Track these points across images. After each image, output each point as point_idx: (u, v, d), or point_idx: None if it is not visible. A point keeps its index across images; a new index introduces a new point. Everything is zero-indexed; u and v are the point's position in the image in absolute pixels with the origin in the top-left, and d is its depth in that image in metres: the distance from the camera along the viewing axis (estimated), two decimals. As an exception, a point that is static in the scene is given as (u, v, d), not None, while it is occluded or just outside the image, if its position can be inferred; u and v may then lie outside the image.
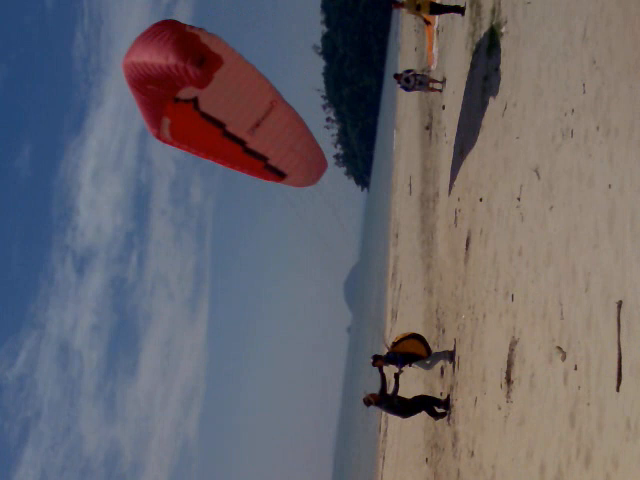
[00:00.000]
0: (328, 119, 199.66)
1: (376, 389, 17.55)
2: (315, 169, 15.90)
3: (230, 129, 14.79)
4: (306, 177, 15.91)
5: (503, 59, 16.64)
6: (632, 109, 8.44)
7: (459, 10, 23.91)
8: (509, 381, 12.05)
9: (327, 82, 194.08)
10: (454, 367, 17.35)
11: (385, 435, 35.72)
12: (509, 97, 15.39)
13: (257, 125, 14.80)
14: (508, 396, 12.00)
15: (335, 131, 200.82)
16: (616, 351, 7.77)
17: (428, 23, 29.75)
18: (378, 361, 18.01)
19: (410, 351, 17.58)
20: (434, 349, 20.86)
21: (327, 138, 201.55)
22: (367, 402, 17.49)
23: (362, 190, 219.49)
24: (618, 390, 7.64)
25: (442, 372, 19.24)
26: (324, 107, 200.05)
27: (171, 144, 15.26)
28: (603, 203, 8.89)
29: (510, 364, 12.10)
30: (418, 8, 24.11)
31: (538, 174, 12.03)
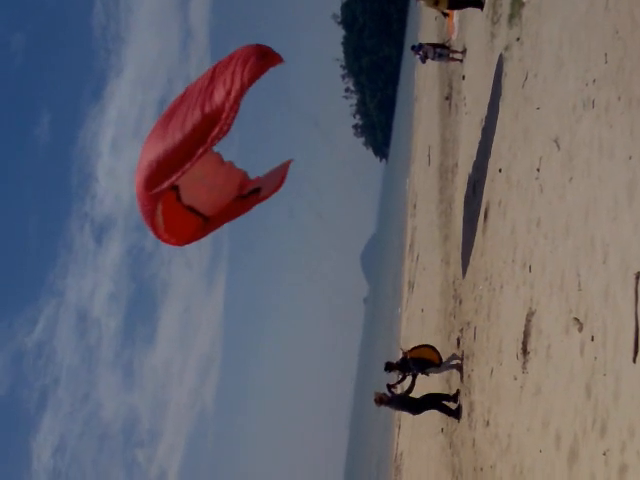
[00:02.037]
0: (347, 89, 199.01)
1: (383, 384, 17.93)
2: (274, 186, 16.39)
3: (208, 215, 15.70)
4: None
5: (524, 29, 16.50)
6: (654, 80, 8.39)
7: (479, 4, 23.48)
8: (525, 352, 12.08)
9: (346, 52, 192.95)
10: (474, 335, 17.41)
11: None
12: (530, 67, 15.28)
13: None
14: (524, 367, 12.04)
15: (354, 101, 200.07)
16: (633, 322, 7.78)
17: (447, 15, 29.37)
18: (390, 369, 18.33)
19: (425, 357, 17.82)
20: (450, 320, 20.94)
21: (346, 108, 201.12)
22: (379, 401, 17.72)
23: (380, 161, 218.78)
24: (635, 361, 7.66)
25: (458, 342, 19.30)
26: (343, 77, 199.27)
27: (160, 235, 15.59)
28: (623, 175, 8.85)
29: (527, 335, 12.12)
30: (436, 2, 23.66)
31: (558, 145, 11.98)
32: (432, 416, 18.87)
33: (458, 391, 17.46)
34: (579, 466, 8.89)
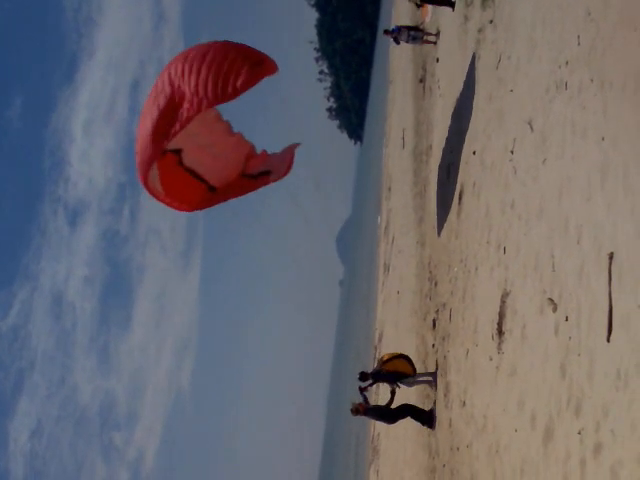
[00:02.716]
0: (321, 72, 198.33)
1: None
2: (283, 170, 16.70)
3: (212, 183, 15.76)
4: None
5: (497, 11, 16.53)
6: (626, 62, 8.43)
7: (450, 4, 23.49)
8: (500, 333, 12.16)
9: (320, 34, 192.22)
10: (450, 317, 17.51)
11: (378, 387, 36.04)
12: (503, 49, 15.32)
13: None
14: (499, 347, 12.13)
15: (328, 84, 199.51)
16: (607, 302, 7.85)
17: (420, 6, 29.37)
18: (364, 379, 18.42)
19: (399, 370, 17.88)
20: (426, 302, 21.04)
21: (320, 91, 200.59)
22: (355, 412, 17.90)
23: (355, 144, 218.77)
24: (609, 341, 7.73)
25: (434, 324, 19.41)
26: (317, 60, 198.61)
27: (162, 200, 15.68)
28: (596, 156, 8.91)
29: (502, 316, 12.20)
30: None
31: (531, 127, 12.04)
32: (408, 400, 18.97)
33: (434, 404, 17.66)
34: (554, 445, 8.98)
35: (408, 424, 19.07)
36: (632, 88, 8.12)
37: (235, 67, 13.34)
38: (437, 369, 17.77)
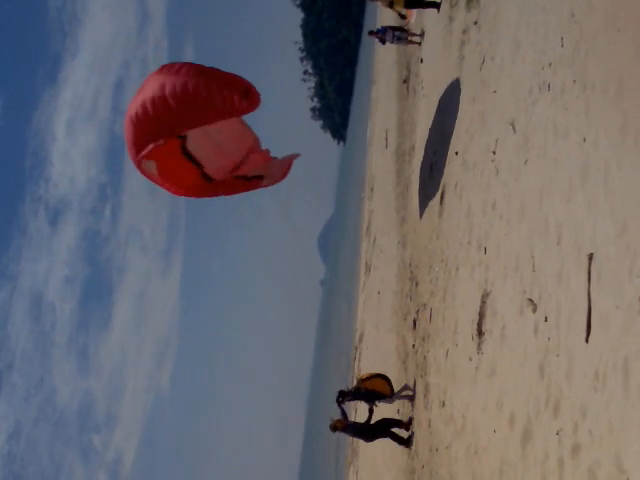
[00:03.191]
0: (305, 72, 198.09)
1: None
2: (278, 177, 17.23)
3: (208, 171, 15.75)
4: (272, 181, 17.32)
5: (482, 12, 16.56)
6: (609, 63, 8.45)
7: (435, 5, 23.12)
8: (480, 333, 12.18)
9: (305, 34, 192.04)
10: (430, 317, 17.52)
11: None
12: (487, 51, 15.34)
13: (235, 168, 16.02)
14: (479, 348, 12.14)
15: (312, 84, 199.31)
16: (586, 303, 7.87)
17: (404, 17, 28.85)
18: (343, 397, 18.46)
19: (377, 389, 17.98)
20: (407, 302, 21.05)
21: (304, 91, 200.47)
22: (334, 428, 18.03)
23: (338, 144, 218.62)
24: (587, 341, 7.74)
25: (414, 324, 19.42)
26: (301, 60, 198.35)
27: (155, 181, 15.71)
28: (577, 157, 8.93)
29: (482, 316, 12.22)
30: (391, 5, 23.13)
31: (514, 128, 12.06)
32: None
33: (411, 419, 17.71)
34: (533, 446, 8.99)
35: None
36: (614, 90, 8.14)
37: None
38: (414, 390, 17.93)
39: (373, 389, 17.99)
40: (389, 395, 18.21)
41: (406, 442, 17.81)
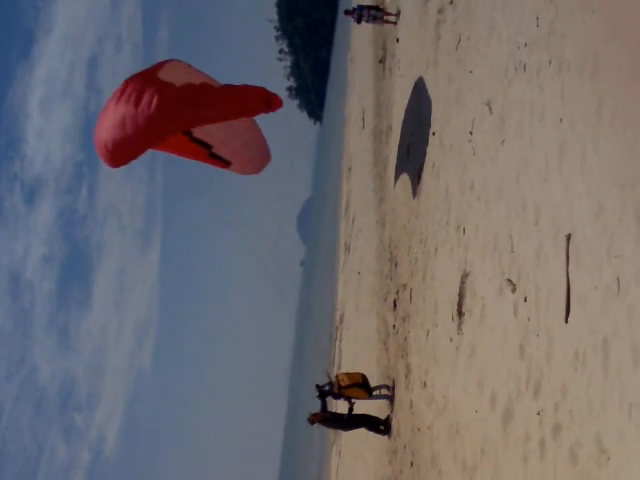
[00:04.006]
0: (281, 51, 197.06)
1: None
2: (259, 162, 17.26)
3: (196, 135, 15.60)
4: (250, 168, 17.32)
5: (457, -9, 16.49)
6: (584, 44, 8.45)
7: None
8: (460, 313, 12.22)
9: (280, 13, 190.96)
10: (410, 298, 17.56)
11: (340, 363, 36.19)
12: (463, 30, 15.30)
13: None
14: (459, 328, 12.19)
15: (288, 63, 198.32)
16: (565, 283, 7.90)
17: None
18: (323, 395, 18.59)
19: (355, 397, 18.12)
20: (387, 282, 21.08)
21: (280, 70, 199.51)
22: (311, 421, 18.42)
23: (315, 124, 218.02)
24: (567, 321, 7.78)
25: (395, 305, 19.47)
26: (277, 39, 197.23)
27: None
28: (554, 137, 8.94)
29: (461, 296, 12.26)
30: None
31: (490, 108, 12.05)
32: (371, 379, 19.02)
33: (389, 417, 17.93)
34: (514, 426, 9.05)
35: (370, 405, 19.14)
36: (590, 70, 8.15)
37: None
38: (394, 387, 18.03)
39: (350, 396, 18.14)
40: (367, 398, 18.45)
41: (383, 432, 18.11)
